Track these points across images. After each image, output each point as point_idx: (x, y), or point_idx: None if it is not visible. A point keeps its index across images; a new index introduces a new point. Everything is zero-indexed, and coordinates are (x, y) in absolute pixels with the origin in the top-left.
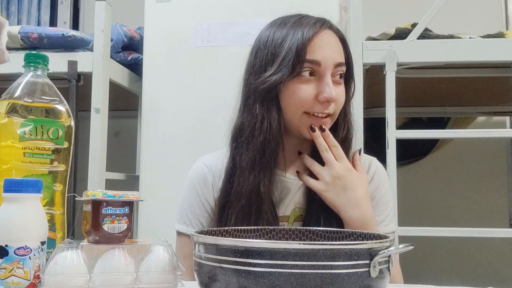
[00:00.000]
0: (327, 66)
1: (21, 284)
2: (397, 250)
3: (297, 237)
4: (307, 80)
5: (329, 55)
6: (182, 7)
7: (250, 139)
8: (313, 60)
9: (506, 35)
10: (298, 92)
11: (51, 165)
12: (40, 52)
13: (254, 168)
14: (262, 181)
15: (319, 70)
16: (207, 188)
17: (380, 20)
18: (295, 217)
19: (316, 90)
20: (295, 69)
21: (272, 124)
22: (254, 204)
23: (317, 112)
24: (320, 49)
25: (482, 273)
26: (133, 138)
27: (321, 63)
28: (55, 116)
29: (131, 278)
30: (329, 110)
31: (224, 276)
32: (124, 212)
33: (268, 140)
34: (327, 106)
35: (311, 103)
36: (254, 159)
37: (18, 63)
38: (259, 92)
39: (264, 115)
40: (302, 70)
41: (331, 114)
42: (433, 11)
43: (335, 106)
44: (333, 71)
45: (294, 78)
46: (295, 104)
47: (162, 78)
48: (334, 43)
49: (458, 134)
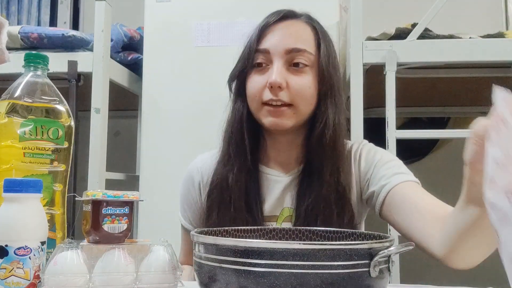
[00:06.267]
0: (276, 53)
1: (21, 284)
2: (397, 250)
3: (297, 237)
4: (260, 70)
5: (279, 42)
6: (182, 7)
7: (225, 133)
8: (262, 49)
9: (506, 35)
10: (252, 82)
11: (51, 165)
12: (40, 52)
13: (225, 159)
14: (230, 172)
15: (269, 58)
16: (194, 188)
17: (380, 20)
18: (284, 217)
19: (267, 78)
20: (247, 61)
21: (237, 115)
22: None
23: (269, 100)
24: (270, 38)
25: (482, 273)
26: (133, 138)
27: (270, 51)
28: (55, 116)
29: (131, 278)
30: (281, 97)
31: (224, 276)
32: (124, 212)
33: (233, 131)
34: (275, 92)
35: (262, 91)
36: (225, 152)
37: (18, 63)
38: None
39: (234, 108)
40: (255, 61)
41: (286, 102)
42: (433, 11)
43: (290, 94)
44: (286, 57)
45: (252, 69)
46: (251, 94)
47: (162, 78)
48: (292, 30)
49: (458, 134)
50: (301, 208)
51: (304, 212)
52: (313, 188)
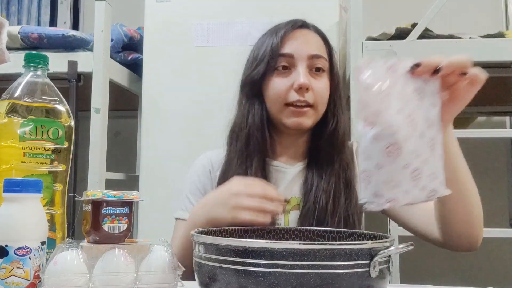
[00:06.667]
0: (300, 58)
1: (21, 284)
2: (397, 250)
3: (297, 237)
4: (283, 73)
5: (302, 47)
6: (182, 7)
7: (239, 132)
8: (286, 53)
9: (506, 35)
10: (275, 84)
11: (51, 165)
12: (40, 52)
13: (242, 156)
14: (249, 168)
15: (293, 62)
16: (206, 177)
17: (380, 20)
18: (292, 205)
19: (291, 80)
20: (270, 64)
21: (256, 116)
22: None
23: (295, 101)
24: (292, 43)
25: (482, 273)
26: (133, 138)
27: (294, 55)
28: (55, 116)
29: (131, 278)
30: (306, 98)
31: (224, 276)
32: (124, 212)
33: (253, 131)
34: (303, 93)
35: (287, 93)
36: (242, 149)
37: (18, 63)
38: (243, 88)
39: (249, 110)
40: (277, 64)
41: (310, 103)
42: (433, 11)
43: (313, 96)
44: (308, 62)
45: (272, 73)
46: (273, 96)
47: (162, 78)
48: (309, 38)
49: (458, 134)
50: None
51: (313, 198)
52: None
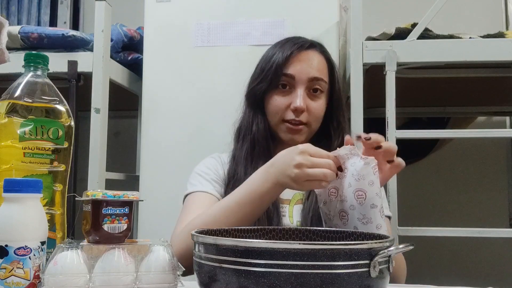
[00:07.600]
0: (300, 80)
1: (21, 284)
2: (397, 250)
3: (297, 237)
4: (283, 91)
5: (304, 70)
6: (182, 7)
7: (246, 136)
8: (287, 74)
9: (506, 35)
10: (275, 101)
11: (51, 165)
12: (40, 52)
13: (249, 158)
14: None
15: (293, 83)
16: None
17: (380, 20)
18: (296, 200)
19: (290, 100)
20: (273, 81)
21: (259, 125)
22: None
23: (291, 120)
24: (296, 65)
25: (482, 273)
26: (133, 138)
27: (295, 77)
28: (55, 116)
29: (131, 278)
30: (301, 118)
31: (224, 276)
32: (124, 212)
33: (257, 138)
34: (298, 114)
35: (285, 111)
36: (248, 151)
37: (18, 63)
38: (247, 98)
39: (253, 118)
40: (279, 83)
41: (304, 122)
42: (433, 11)
43: (308, 116)
44: (308, 84)
45: (274, 89)
46: (272, 111)
47: (162, 78)
48: (313, 60)
49: (458, 134)
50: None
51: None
52: None
